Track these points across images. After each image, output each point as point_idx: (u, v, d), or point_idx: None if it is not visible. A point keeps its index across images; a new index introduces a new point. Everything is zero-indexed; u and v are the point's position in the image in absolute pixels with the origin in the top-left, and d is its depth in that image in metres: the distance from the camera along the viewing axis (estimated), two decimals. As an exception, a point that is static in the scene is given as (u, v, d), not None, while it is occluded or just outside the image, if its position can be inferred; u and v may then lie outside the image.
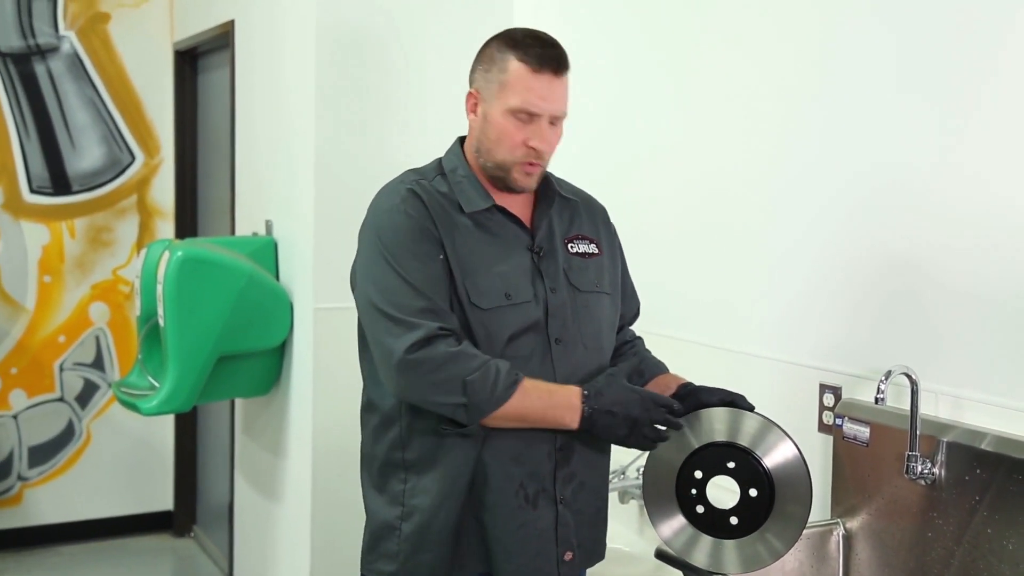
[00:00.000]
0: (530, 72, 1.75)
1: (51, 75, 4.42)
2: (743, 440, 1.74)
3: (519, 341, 1.77)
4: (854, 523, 2.04)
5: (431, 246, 1.74)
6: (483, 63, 1.82)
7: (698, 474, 1.76)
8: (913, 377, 1.85)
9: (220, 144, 4.19)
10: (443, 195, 1.80)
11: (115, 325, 4.59)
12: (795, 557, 2.00)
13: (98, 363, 4.57)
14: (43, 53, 4.39)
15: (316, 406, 3.17)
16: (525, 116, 1.76)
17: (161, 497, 4.72)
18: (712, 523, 1.75)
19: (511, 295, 1.77)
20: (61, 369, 4.50)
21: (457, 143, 1.91)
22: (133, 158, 4.58)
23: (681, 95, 2.67)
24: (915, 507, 1.91)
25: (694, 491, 1.76)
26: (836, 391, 2.16)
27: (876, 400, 1.88)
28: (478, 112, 1.81)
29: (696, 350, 2.53)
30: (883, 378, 1.86)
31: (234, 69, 3.82)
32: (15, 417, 4.43)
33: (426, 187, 1.81)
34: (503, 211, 1.83)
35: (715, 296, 2.53)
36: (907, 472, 1.86)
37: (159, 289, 3.13)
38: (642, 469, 1.84)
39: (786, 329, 2.31)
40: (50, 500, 4.49)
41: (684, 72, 2.66)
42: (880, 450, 1.97)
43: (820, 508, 2.11)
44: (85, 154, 4.49)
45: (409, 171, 1.88)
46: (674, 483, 1.78)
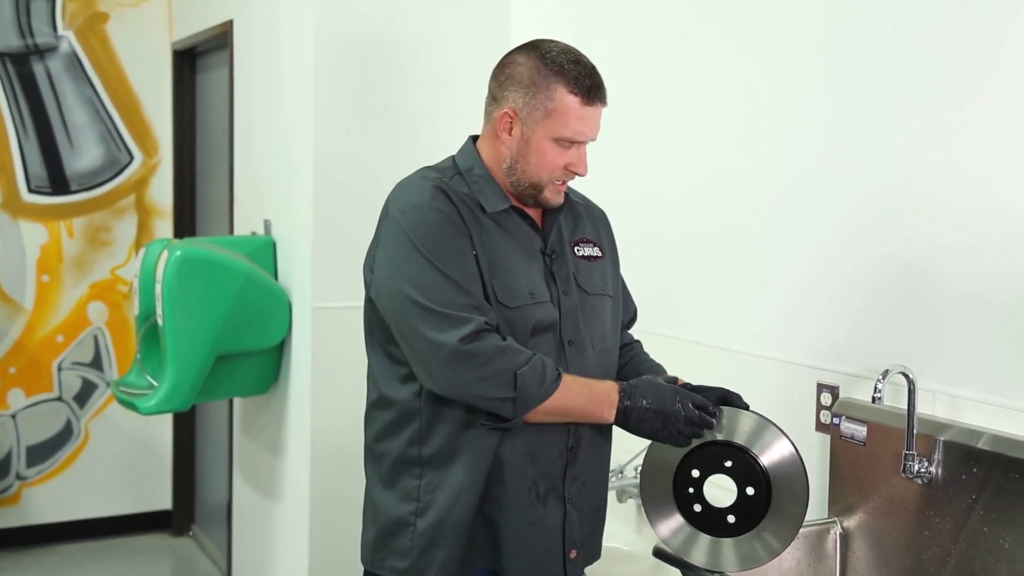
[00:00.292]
0: (581, 104, 1.75)
1: (49, 75, 4.41)
2: (739, 439, 1.75)
3: (536, 341, 1.77)
4: (851, 522, 2.04)
5: (465, 242, 1.74)
6: (521, 85, 1.77)
7: (695, 473, 1.76)
8: (910, 376, 1.85)
9: (219, 144, 4.19)
10: (465, 194, 1.80)
11: (113, 325, 4.58)
12: (793, 556, 2.00)
13: (96, 363, 4.56)
14: (41, 53, 4.39)
15: (315, 405, 3.18)
16: (568, 143, 1.77)
17: (159, 496, 4.72)
18: (710, 522, 1.76)
19: (534, 294, 1.78)
20: (59, 369, 4.50)
21: (470, 142, 1.90)
22: (131, 158, 4.57)
23: (680, 94, 2.67)
24: (912, 506, 1.91)
25: (691, 490, 1.77)
26: (833, 390, 2.16)
27: (873, 399, 1.88)
28: (513, 133, 1.79)
29: (694, 349, 2.54)
30: (880, 377, 1.86)
31: (233, 69, 3.82)
32: (13, 416, 4.42)
33: (449, 185, 1.80)
34: (520, 212, 1.84)
35: (713, 296, 2.53)
36: (904, 471, 1.87)
37: (158, 288, 3.13)
38: (640, 468, 1.84)
39: (784, 329, 2.31)
40: (48, 499, 4.49)
41: (683, 72, 2.66)
42: (877, 449, 1.97)
43: (817, 507, 2.11)
44: (83, 154, 4.49)
45: (427, 168, 1.87)
46: (671, 482, 1.78)
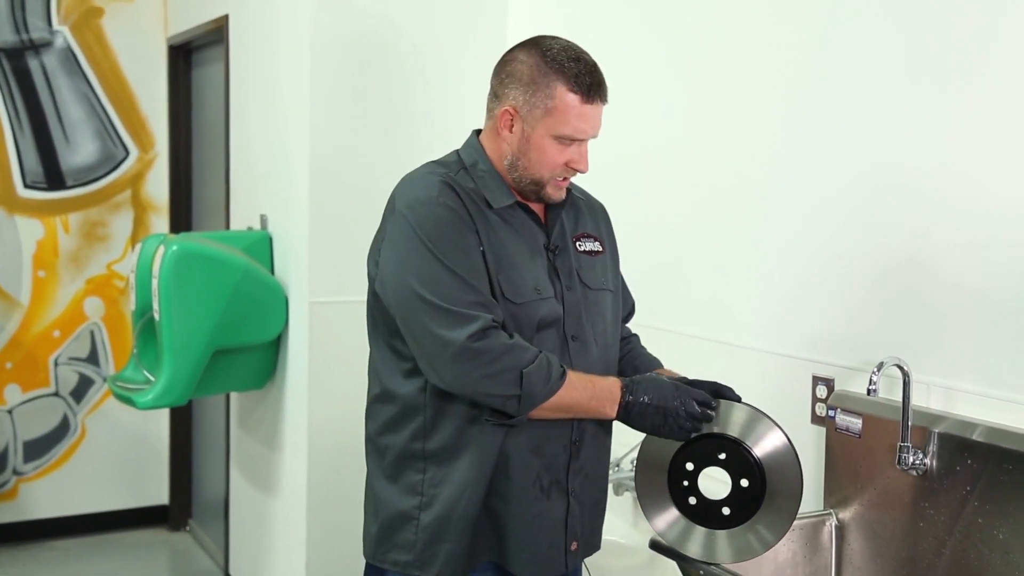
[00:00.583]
0: (581, 102, 1.76)
1: (45, 70, 4.40)
2: (733, 431, 1.75)
3: (541, 336, 1.78)
4: (846, 514, 2.05)
5: (472, 238, 1.74)
6: (521, 83, 1.77)
7: (689, 466, 1.77)
8: (905, 369, 1.86)
9: (214, 139, 4.19)
10: (471, 189, 1.80)
11: (110, 320, 4.58)
12: (788, 548, 2.01)
13: (93, 358, 4.56)
14: (36, 48, 4.38)
15: (311, 400, 3.18)
16: (569, 140, 1.78)
17: (156, 491, 4.72)
18: (705, 514, 1.77)
19: (539, 290, 1.79)
20: (56, 364, 4.49)
21: (474, 136, 1.90)
22: (127, 153, 4.57)
23: (678, 91, 2.68)
24: (907, 497, 1.92)
25: (686, 483, 1.78)
26: (829, 383, 2.17)
27: (868, 392, 1.89)
28: (514, 130, 1.79)
29: (691, 343, 2.54)
30: (875, 370, 1.87)
31: (228, 64, 3.82)
32: (10, 412, 4.42)
33: (456, 180, 1.80)
34: (524, 208, 1.84)
35: (711, 290, 2.54)
36: (899, 463, 1.88)
37: (154, 284, 3.13)
38: (635, 462, 1.85)
39: (779, 321, 2.32)
40: (45, 495, 4.49)
41: (681, 67, 2.67)
42: (872, 441, 1.98)
43: (813, 499, 2.12)
44: (79, 149, 4.48)
45: (432, 163, 1.87)
46: (666, 475, 1.79)
